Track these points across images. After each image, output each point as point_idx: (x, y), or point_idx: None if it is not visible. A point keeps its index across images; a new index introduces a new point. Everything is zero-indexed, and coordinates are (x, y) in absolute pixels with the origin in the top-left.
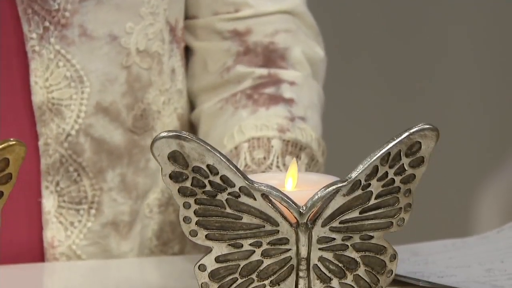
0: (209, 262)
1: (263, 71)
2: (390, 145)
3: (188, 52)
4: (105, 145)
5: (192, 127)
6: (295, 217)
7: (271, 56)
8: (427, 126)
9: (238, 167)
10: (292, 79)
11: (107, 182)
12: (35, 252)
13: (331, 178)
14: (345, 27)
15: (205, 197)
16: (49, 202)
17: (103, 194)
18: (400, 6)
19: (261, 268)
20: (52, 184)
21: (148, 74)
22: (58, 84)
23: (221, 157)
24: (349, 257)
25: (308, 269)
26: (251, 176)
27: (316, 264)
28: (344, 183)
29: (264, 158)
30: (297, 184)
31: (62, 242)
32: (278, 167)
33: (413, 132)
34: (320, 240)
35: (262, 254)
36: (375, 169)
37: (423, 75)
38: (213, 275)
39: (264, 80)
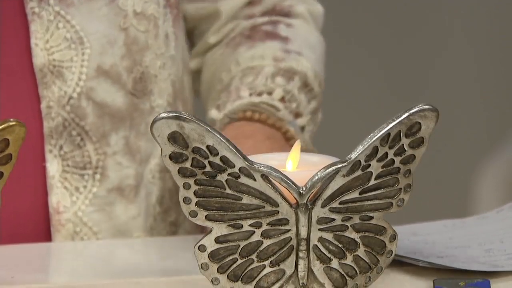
0: (209, 243)
1: (264, 18)
2: (390, 125)
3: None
4: (107, 108)
5: (184, 95)
6: (295, 198)
7: (276, 12)
8: (427, 106)
9: (229, 93)
10: (290, 22)
11: (111, 146)
12: (41, 218)
13: (331, 159)
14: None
15: (205, 177)
16: (53, 167)
17: (107, 158)
18: None
19: (261, 248)
20: (55, 148)
21: (145, 37)
22: (59, 45)
23: (221, 138)
24: (349, 237)
25: (308, 249)
26: (251, 157)
27: (316, 245)
28: (344, 164)
29: (253, 80)
30: (297, 165)
31: (67, 208)
32: (265, 85)
33: (413, 112)
34: (320, 221)
35: (262, 235)
36: (375, 150)
37: (422, 56)
38: (213, 256)
39: (263, 21)
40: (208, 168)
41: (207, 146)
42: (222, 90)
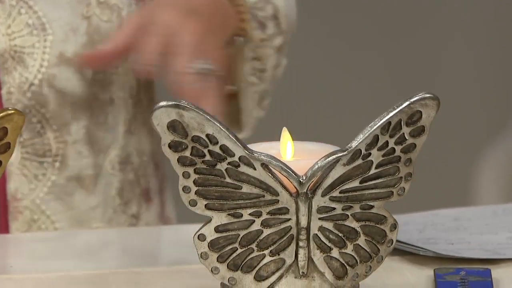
0: (209, 232)
1: None
2: (391, 114)
3: None
4: (69, 97)
5: (151, 89)
6: (295, 187)
7: None
8: (428, 95)
9: None
10: None
11: (71, 135)
12: None
13: (331, 148)
14: None
15: (205, 166)
16: None
17: (68, 147)
18: None
19: (261, 238)
20: None
21: (107, 27)
22: (21, 31)
23: (220, 127)
24: (349, 226)
25: (308, 238)
26: (250, 146)
27: (316, 234)
28: (344, 153)
29: None
30: (295, 153)
31: (25, 195)
32: None
33: (414, 101)
34: (320, 210)
35: (262, 224)
36: (376, 139)
37: (423, 46)
38: (212, 245)
39: None
40: (207, 157)
41: (207, 135)
42: None
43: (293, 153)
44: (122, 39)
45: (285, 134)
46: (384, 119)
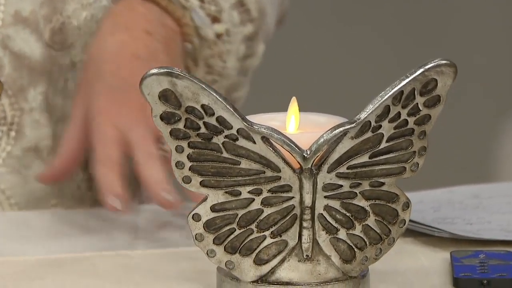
0: (204, 211)
1: None
2: (403, 82)
3: None
4: (26, 60)
5: None
6: (299, 162)
7: None
8: (444, 61)
9: None
10: None
11: (28, 102)
12: None
13: (338, 119)
14: None
15: (200, 140)
16: None
17: (24, 115)
18: None
19: (261, 217)
20: None
21: None
22: None
23: (217, 96)
24: (357, 205)
25: (312, 219)
26: (249, 117)
27: (322, 214)
28: (352, 125)
29: None
30: (300, 125)
31: None
32: None
33: (429, 68)
34: (326, 187)
35: (262, 203)
36: (387, 109)
37: (438, 8)
38: (208, 226)
39: None
40: (203, 130)
41: (202, 106)
42: None
43: (296, 125)
44: (71, 153)
45: (294, 105)
46: (396, 88)
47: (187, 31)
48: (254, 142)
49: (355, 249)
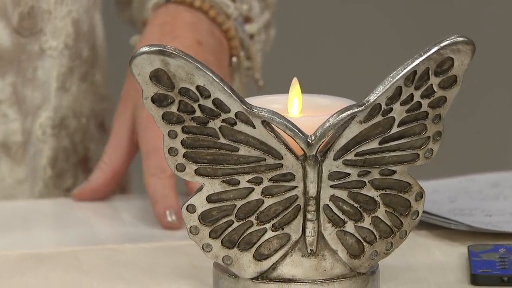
0: (200, 202)
1: None
2: (417, 62)
3: None
4: None
5: (92, 37)
6: (302, 149)
7: None
8: (461, 38)
9: None
10: None
11: None
12: None
13: (345, 102)
14: None
15: (195, 124)
16: None
17: None
18: None
19: (261, 209)
20: None
21: None
22: None
23: (213, 77)
24: (366, 196)
25: (317, 210)
26: (249, 100)
27: (327, 205)
28: (360, 108)
29: None
30: (304, 108)
31: None
32: None
33: (444, 46)
34: (332, 176)
35: (262, 193)
36: (398, 91)
37: None
38: (204, 217)
39: None
40: (198, 113)
41: (197, 87)
42: None
43: (300, 108)
44: (117, 167)
45: (295, 86)
46: (409, 68)
47: (234, 44)
48: (254, 127)
49: (364, 243)
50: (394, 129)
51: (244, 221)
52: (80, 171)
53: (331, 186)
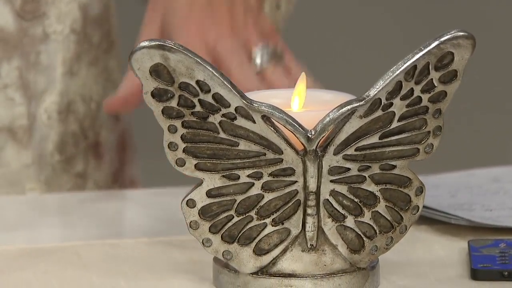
0: (200, 197)
1: None
2: (417, 56)
3: None
4: None
5: (106, 24)
6: (302, 143)
7: None
8: (461, 33)
9: None
10: None
11: (1, 78)
12: None
13: (345, 96)
14: None
15: (195, 119)
16: None
17: None
18: None
19: (261, 204)
20: None
21: None
22: None
23: (213, 71)
24: (366, 190)
25: (317, 205)
26: (249, 94)
27: (327, 199)
28: (361, 102)
29: None
30: (304, 103)
31: None
32: None
33: (444, 40)
34: (332, 171)
35: (262, 188)
36: (398, 86)
37: None
38: (204, 212)
39: None
40: (198, 108)
41: (197, 82)
42: None
43: (301, 103)
44: None
45: (302, 82)
46: (409, 62)
47: None
48: (254, 122)
49: (364, 238)
50: (394, 124)
51: (244, 216)
52: (91, 156)
53: (331, 181)
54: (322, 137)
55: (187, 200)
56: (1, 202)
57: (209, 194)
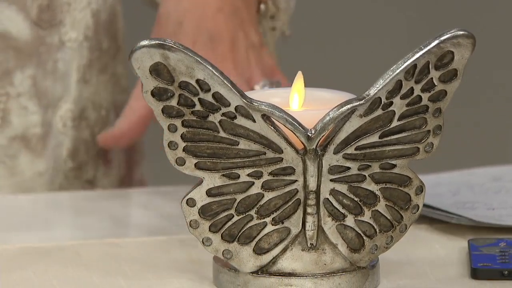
0: (200, 196)
1: None
2: (417, 55)
3: None
4: (12, 41)
5: (113, 28)
6: (302, 143)
7: None
8: (461, 32)
9: None
10: None
11: (15, 86)
12: None
13: (345, 95)
14: None
15: (195, 118)
16: None
17: (10, 100)
18: None
19: (261, 203)
20: None
21: None
22: None
23: (213, 71)
24: (366, 189)
25: (317, 204)
26: (249, 94)
27: (327, 199)
28: (361, 102)
29: None
30: (304, 102)
31: None
32: None
33: (444, 39)
34: (332, 170)
35: (262, 187)
36: (398, 85)
37: None
38: (204, 211)
39: None
40: (198, 107)
41: (197, 81)
42: None
43: (300, 102)
44: (142, 111)
45: (299, 80)
46: (409, 62)
47: None
48: (254, 121)
49: (364, 237)
50: (394, 123)
51: (244, 215)
52: (100, 162)
53: (331, 180)
54: (322, 136)
55: (187, 199)
56: (2, 201)
57: (209, 193)
